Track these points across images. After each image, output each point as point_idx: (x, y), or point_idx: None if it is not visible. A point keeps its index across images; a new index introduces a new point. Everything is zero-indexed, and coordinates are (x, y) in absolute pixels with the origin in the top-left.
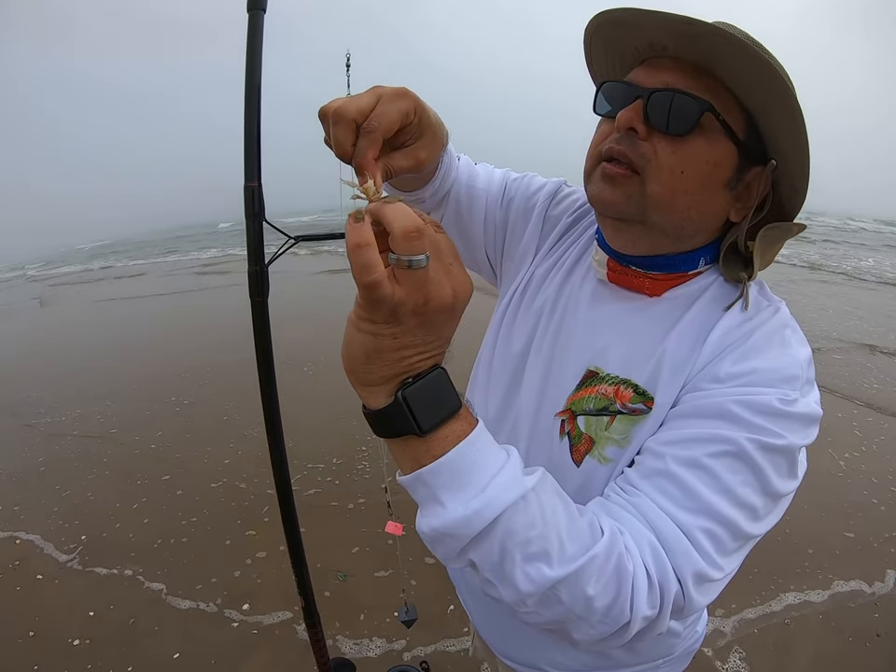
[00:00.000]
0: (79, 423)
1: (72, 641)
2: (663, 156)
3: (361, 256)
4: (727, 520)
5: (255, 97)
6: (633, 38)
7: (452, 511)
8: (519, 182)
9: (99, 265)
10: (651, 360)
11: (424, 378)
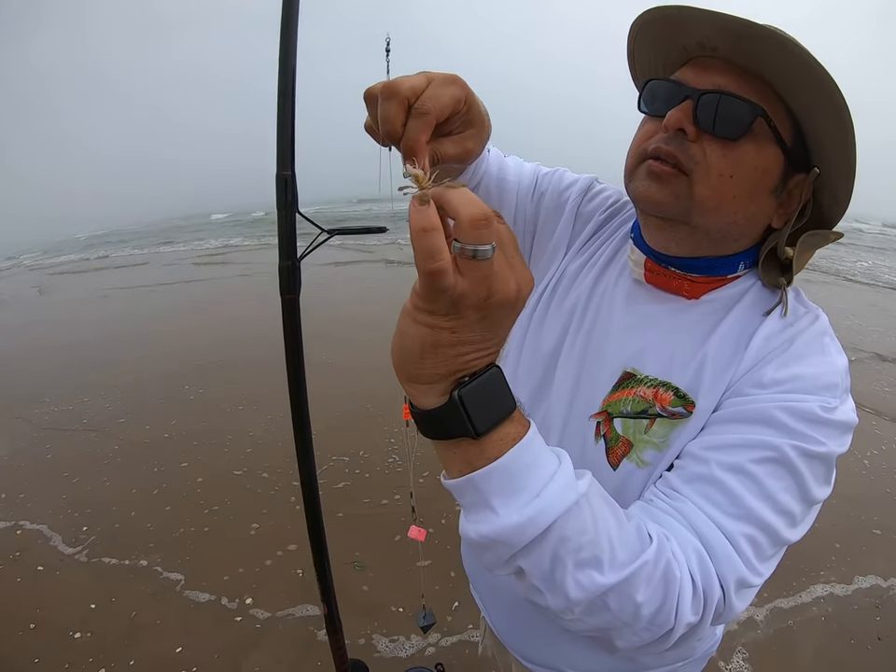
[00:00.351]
0: (86, 412)
1: (73, 634)
2: (712, 159)
3: (426, 241)
4: (768, 526)
5: (289, 81)
6: (683, 36)
7: (505, 517)
8: (550, 177)
9: (97, 254)
10: (692, 364)
11: (480, 377)
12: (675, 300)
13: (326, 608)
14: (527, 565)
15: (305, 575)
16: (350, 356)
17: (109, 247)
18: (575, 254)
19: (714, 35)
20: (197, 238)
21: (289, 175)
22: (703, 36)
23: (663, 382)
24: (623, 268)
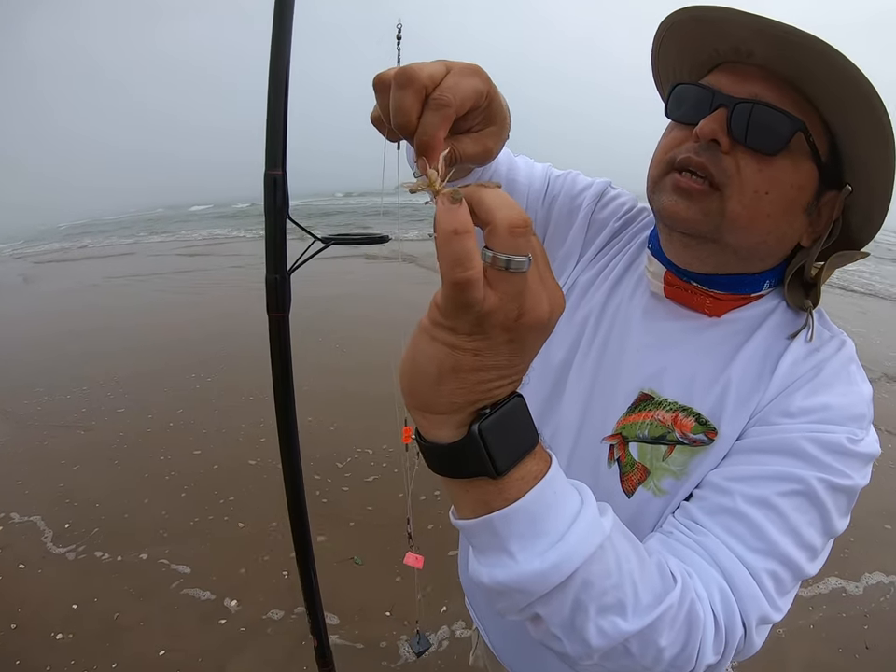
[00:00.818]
0: (79, 403)
1: (55, 635)
2: (747, 174)
3: (457, 245)
4: (791, 561)
5: (282, 72)
6: (717, 39)
7: (524, 563)
8: (563, 180)
9: (79, 244)
10: (715, 388)
11: (502, 408)
12: (695, 317)
13: (316, 640)
14: (546, 612)
15: (291, 576)
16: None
17: (90, 237)
18: (588, 263)
19: (752, 39)
20: (184, 228)
21: (280, 174)
22: (738, 40)
23: (683, 406)
24: (639, 280)
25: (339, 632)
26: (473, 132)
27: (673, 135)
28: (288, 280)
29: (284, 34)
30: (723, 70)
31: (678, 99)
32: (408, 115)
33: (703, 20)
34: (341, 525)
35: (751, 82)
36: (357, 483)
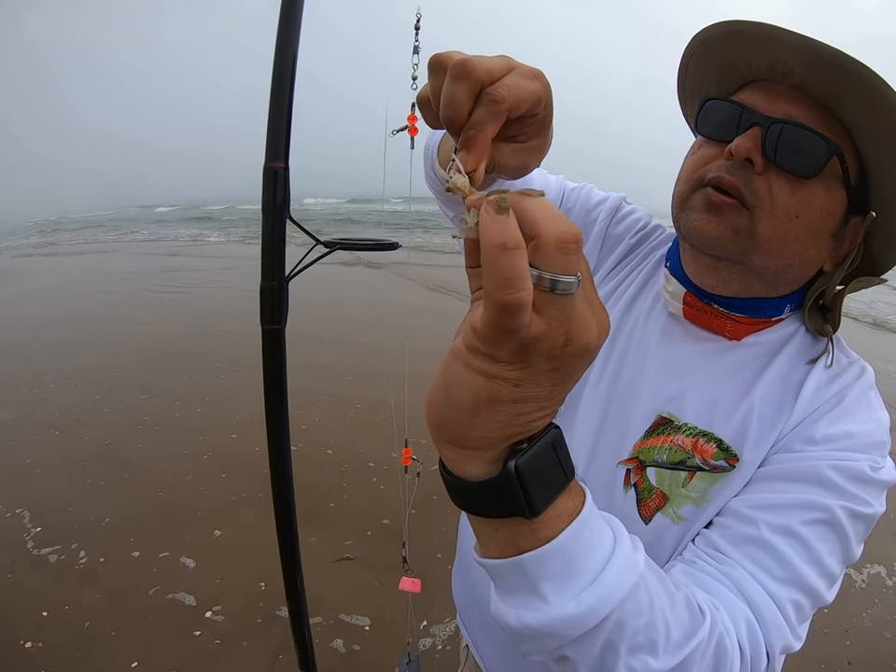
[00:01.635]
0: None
1: (24, 643)
2: (779, 196)
3: (508, 262)
4: (813, 590)
5: (288, 58)
6: (753, 55)
7: (558, 606)
8: (577, 193)
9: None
10: (737, 414)
11: (539, 442)
12: (715, 339)
13: (300, 651)
14: (575, 653)
15: (269, 587)
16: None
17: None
18: (601, 279)
19: (791, 58)
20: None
21: (281, 167)
22: (775, 58)
23: (704, 431)
24: (655, 299)
25: (320, 637)
26: (517, 142)
27: (702, 152)
28: (286, 288)
29: (293, 16)
30: (757, 88)
31: (708, 115)
32: (459, 108)
33: (742, 34)
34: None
35: (786, 102)
36: (350, 499)
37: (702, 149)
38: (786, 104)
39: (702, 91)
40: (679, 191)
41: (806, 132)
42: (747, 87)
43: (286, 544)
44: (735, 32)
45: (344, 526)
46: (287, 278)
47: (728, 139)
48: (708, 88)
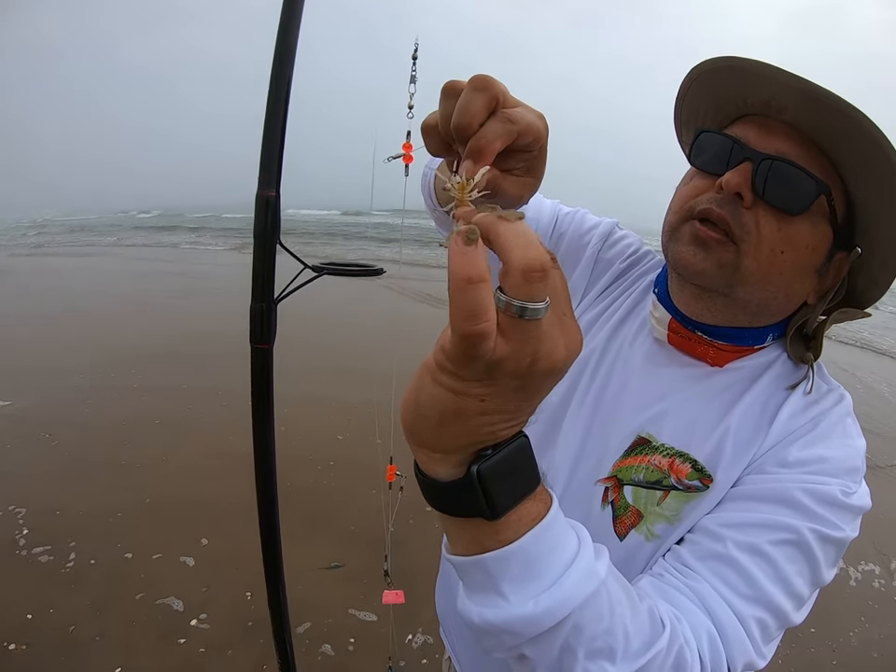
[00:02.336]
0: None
1: (8, 646)
2: (766, 231)
3: (471, 296)
4: (779, 609)
5: (282, 86)
6: (749, 90)
7: (517, 605)
8: (571, 217)
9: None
10: (714, 436)
11: (504, 449)
12: (698, 365)
13: (282, 664)
14: (533, 653)
15: (255, 596)
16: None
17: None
18: (591, 302)
19: (786, 96)
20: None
21: (273, 195)
22: (771, 95)
23: (680, 452)
24: (642, 324)
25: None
26: (513, 175)
27: (694, 183)
28: (275, 310)
29: (289, 38)
30: (750, 122)
31: (702, 146)
32: (473, 116)
33: (740, 70)
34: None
35: (778, 138)
36: (340, 508)
37: (694, 180)
38: (778, 140)
39: (697, 121)
40: (669, 221)
41: (796, 169)
42: (741, 120)
43: (269, 560)
44: (735, 67)
45: (333, 535)
46: (276, 300)
47: (719, 172)
48: (703, 118)
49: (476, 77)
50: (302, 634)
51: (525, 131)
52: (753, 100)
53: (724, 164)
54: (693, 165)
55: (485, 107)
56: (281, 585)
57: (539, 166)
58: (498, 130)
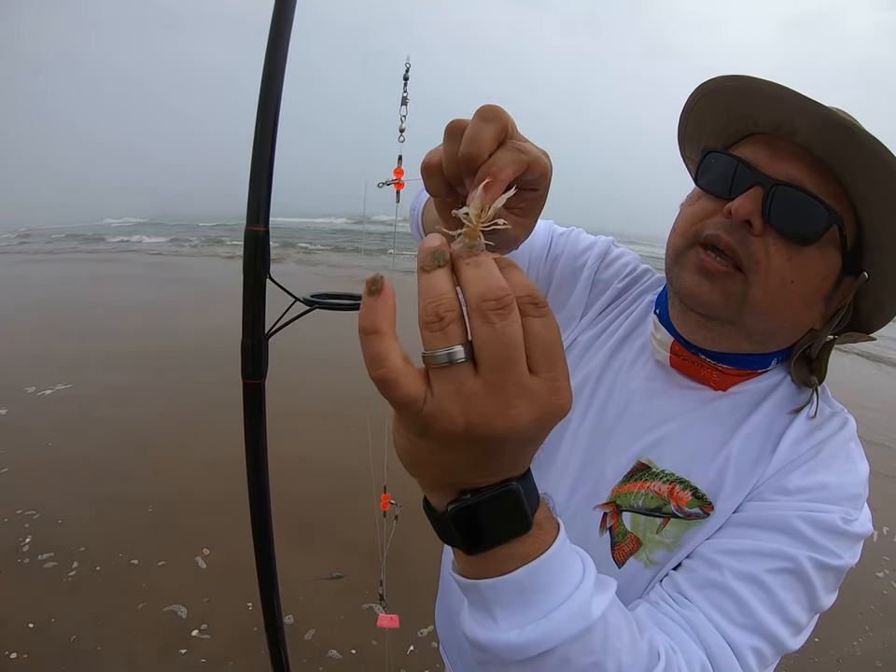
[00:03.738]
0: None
1: (9, 654)
2: (776, 261)
3: (367, 345)
4: (774, 638)
5: (269, 121)
6: (761, 112)
7: (503, 631)
8: (566, 238)
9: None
10: (715, 463)
11: (485, 496)
12: (700, 389)
13: None
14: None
15: (256, 608)
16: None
17: None
18: (589, 323)
19: (799, 119)
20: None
21: (262, 231)
22: (784, 117)
23: (681, 479)
24: (643, 346)
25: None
26: (514, 213)
27: (701, 205)
28: (266, 344)
29: (275, 72)
30: (760, 143)
31: (709, 167)
32: (482, 146)
33: (751, 90)
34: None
35: (789, 162)
36: (340, 521)
37: (700, 202)
38: (789, 164)
39: (703, 137)
40: (673, 244)
41: (809, 198)
42: (749, 139)
43: (265, 585)
44: (748, 88)
45: (335, 547)
46: (267, 335)
47: (728, 196)
48: (709, 136)
49: (485, 108)
50: (309, 640)
51: (534, 163)
52: (764, 121)
53: (733, 187)
54: (700, 187)
55: (495, 137)
56: (276, 595)
57: (539, 207)
58: (509, 158)
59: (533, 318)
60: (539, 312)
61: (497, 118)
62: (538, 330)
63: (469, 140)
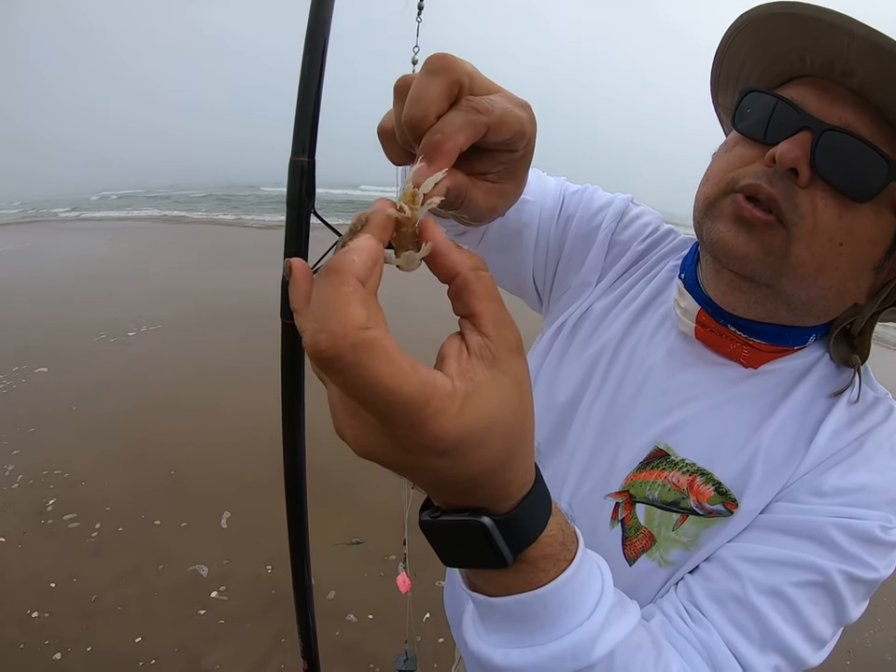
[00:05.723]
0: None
1: (31, 613)
2: (824, 218)
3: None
4: (796, 656)
5: (318, 48)
6: (810, 47)
7: (489, 647)
8: (579, 196)
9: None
10: (742, 456)
11: (446, 521)
12: (728, 365)
13: (306, 664)
14: None
15: (275, 570)
16: None
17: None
18: (605, 290)
19: (857, 56)
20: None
21: (307, 161)
22: (837, 54)
23: (702, 470)
24: (665, 316)
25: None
26: (487, 180)
27: (738, 152)
28: None
29: (324, 4)
30: (809, 85)
31: (749, 109)
32: (427, 107)
33: (800, 19)
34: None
35: (843, 107)
36: (363, 485)
37: (738, 148)
38: (843, 109)
39: (741, 78)
40: (704, 193)
41: (866, 147)
42: (796, 81)
43: (295, 539)
44: (793, 15)
45: (355, 511)
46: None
47: (771, 141)
48: (749, 76)
49: (432, 58)
50: (331, 600)
51: (497, 123)
52: (814, 58)
53: (777, 132)
54: (737, 130)
55: (443, 94)
56: (306, 560)
57: (521, 171)
58: (459, 121)
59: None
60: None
61: (446, 69)
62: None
63: (411, 101)
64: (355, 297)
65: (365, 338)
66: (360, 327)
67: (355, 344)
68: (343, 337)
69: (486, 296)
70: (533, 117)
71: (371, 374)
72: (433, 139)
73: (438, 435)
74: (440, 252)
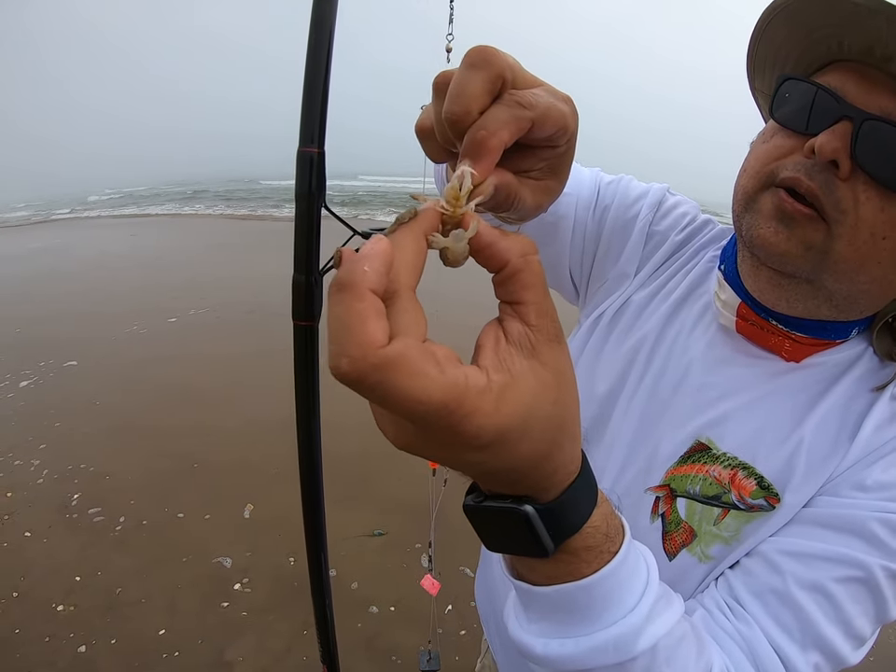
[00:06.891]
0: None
1: (56, 606)
2: (866, 211)
3: None
4: (836, 653)
5: (324, 34)
6: (848, 31)
7: (530, 635)
8: (615, 187)
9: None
10: (785, 448)
11: (490, 507)
12: (769, 358)
13: (325, 668)
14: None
15: (298, 563)
16: None
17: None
18: (644, 281)
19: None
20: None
21: (315, 152)
22: (877, 38)
23: (744, 464)
24: (704, 308)
25: (344, 614)
26: (530, 178)
27: (776, 142)
28: (321, 283)
29: None
30: (847, 71)
31: (787, 97)
32: (469, 103)
33: (841, 2)
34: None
35: (883, 94)
36: (385, 478)
37: (776, 138)
38: (883, 96)
39: (777, 63)
40: (743, 186)
41: None
42: (833, 66)
43: (312, 538)
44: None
45: (377, 503)
46: (322, 272)
47: (810, 131)
48: (786, 60)
49: (473, 51)
50: (354, 591)
51: (542, 118)
52: (852, 42)
53: (817, 122)
54: (775, 119)
55: (486, 89)
56: (323, 551)
57: (564, 166)
58: (504, 117)
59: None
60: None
61: (488, 63)
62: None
63: (452, 97)
64: (369, 312)
65: (386, 357)
66: (379, 345)
67: (376, 366)
68: (363, 359)
69: (534, 285)
70: (575, 111)
71: (397, 390)
72: (477, 136)
73: (475, 433)
74: (487, 243)
